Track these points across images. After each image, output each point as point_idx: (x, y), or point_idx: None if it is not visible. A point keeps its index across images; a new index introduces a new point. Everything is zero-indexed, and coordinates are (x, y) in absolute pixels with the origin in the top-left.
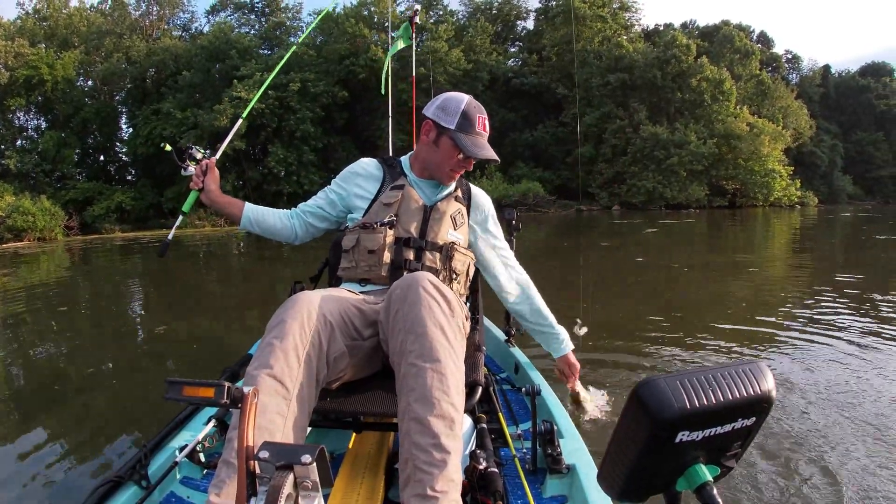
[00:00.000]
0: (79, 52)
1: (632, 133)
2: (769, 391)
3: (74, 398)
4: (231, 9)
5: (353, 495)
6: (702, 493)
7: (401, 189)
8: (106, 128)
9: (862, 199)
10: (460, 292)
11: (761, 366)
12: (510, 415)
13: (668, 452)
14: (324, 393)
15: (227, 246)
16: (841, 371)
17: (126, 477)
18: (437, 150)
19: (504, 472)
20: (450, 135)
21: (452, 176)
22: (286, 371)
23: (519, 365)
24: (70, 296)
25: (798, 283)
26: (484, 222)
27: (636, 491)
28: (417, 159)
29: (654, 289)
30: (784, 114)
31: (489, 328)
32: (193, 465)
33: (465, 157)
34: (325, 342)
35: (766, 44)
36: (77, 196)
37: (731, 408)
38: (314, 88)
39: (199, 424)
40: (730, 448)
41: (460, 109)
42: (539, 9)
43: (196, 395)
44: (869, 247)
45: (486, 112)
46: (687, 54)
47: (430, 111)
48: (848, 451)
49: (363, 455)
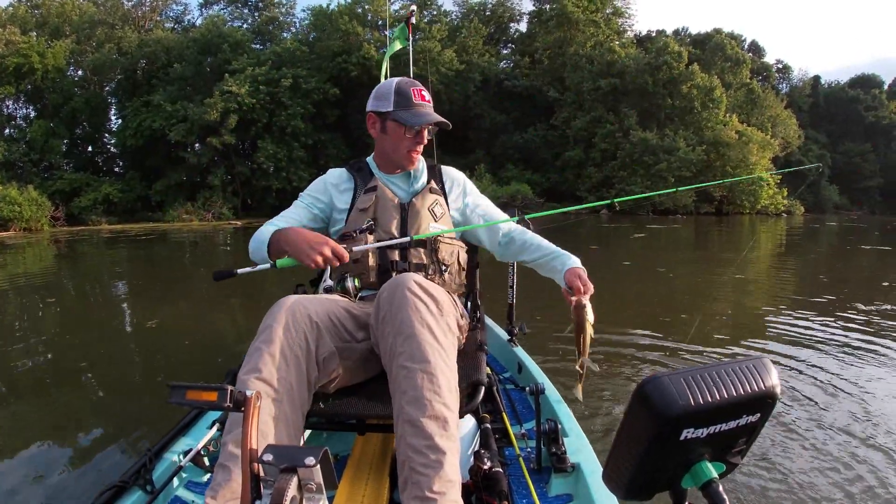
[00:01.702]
0: (70, 41)
1: (621, 138)
2: (773, 387)
3: (74, 401)
4: (224, 2)
5: (357, 497)
6: (707, 490)
7: (374, 191)
8: (95, 118)
9: (848, 209)
10: (454, 283)
11: (765, 362)
12: (514, 414)
13: (673, 450)
14: (326, 396)
15: (214, 240)
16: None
17: (130, 482)
18: (388, 137)
19: (508, 472)
20: (391, 116)
21: (412, 157)
22: (275, 374)
23: (522, 364)
24: (58, 288)
25: (781, 289)
26: (462, 196)
27: (641, 488)
28: (380, 155)
29: (642, 292)
30: (773, 123)
31: (491, 328)
32: (198, 468)
33: (414, 132)
34: (313, 343)
35: (758, 53)
36: (64, 187)
37: (735, 404)
38: (306, 85)
39: (202, 428)
40: (735, 444)
41: (392, 90)
42: (532, 12)
43: (199, 399)
44: (853, 257)
45: (420, 84)
46: (678, 61)
47: (369, 105)
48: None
49: (367, 457)
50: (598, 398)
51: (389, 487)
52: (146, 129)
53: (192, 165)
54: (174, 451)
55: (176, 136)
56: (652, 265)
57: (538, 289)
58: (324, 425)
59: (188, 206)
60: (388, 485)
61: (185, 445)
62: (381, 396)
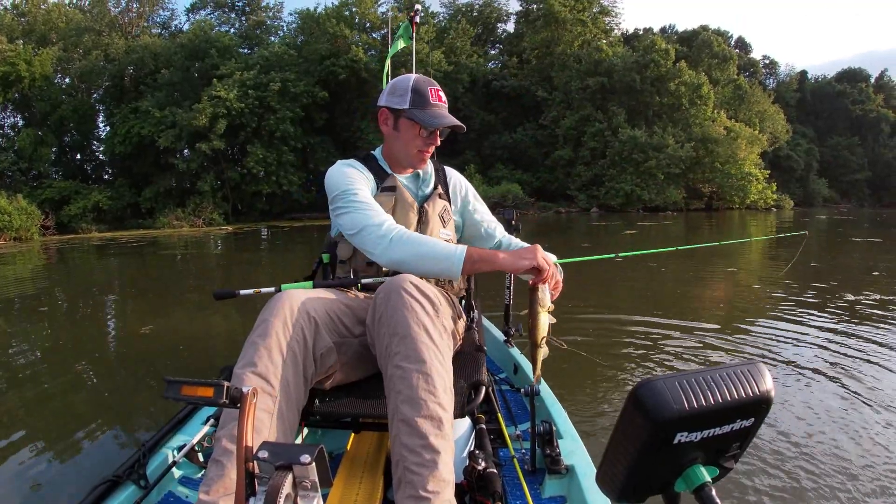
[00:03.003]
0: (57, 48)
1: (610, 136)
2: (768, 391)
3: (69, 397)
4: (211, 7)
5: (351, 495)
6: (700, 495)
7: (393, 191)
8: (83, 126)
9: (837, 203)
10: (459, 287)
11: (760, 366)
12: (509, 415)
13: (667, 453)
14: (322, 393)
15: (205, 246)
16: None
17: (124, 476)
18: (399, 135)
19: (503, 473)
20: (406, 114)
21: (422, 157)
22: (270, 368)
23: (518, 365)
24: (50, 297)
25: (773, 283)
26: (463, 201)
27: (635, 492)
28: (389, 153)
29: (632, 286)
30: (761, 118)
31: (488, 329)
32: (192, 464)
33: (428, 132)
34: (310, 338)
35: (744, 49)
36: (53, 195)
37: (729, 408)
38: (294, 88)
39: (197, 424)
40: (728, 449)
41: (409, 87)
42: (519, 12)
43: (195, 394)
44: (847, 249)
45: (438, 84)
46: (666, 59)
47: (383, 100)
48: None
49: (362, 455)
50: (593, 401)
51: (383, 486)
52: (135, 135)
53: (181, 171)
54: (168, 446)
55: (165, 143)
56: (643, 259)
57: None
58: (319, 423)
59: (178, 212)
60: (383, 483)
61: (180, 441)
62: (376, 395)
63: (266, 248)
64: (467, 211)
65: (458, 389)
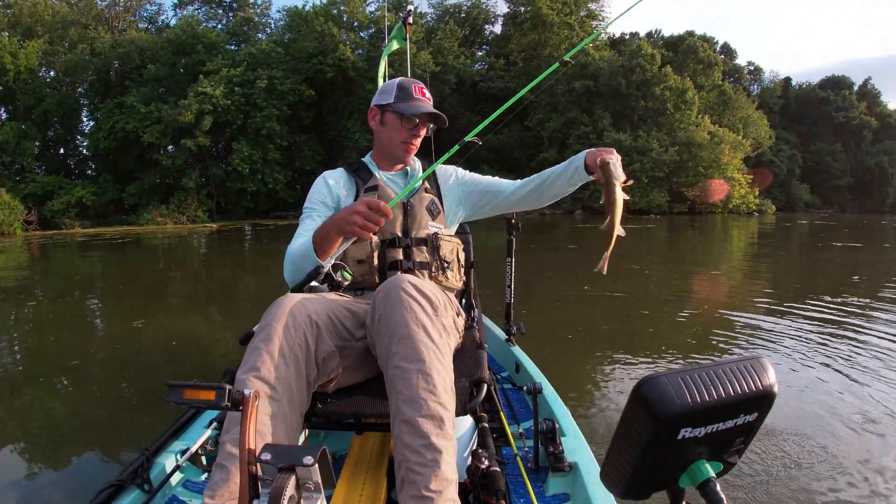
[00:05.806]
0: (42, 41)
1: (595, 139)
2: (771, 386)
3: (68, 398)
4: (198, 3)
5: (354, 497)
6: (705, 490)
7: (375, 190)
8: (67, 120)
9: (819, 208)
10: (455, 280)
11: (762, 361)
12: (511, 413)
13: (671, 449)
14: (324, 395)
15: (189, 243)
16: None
17: (128, 481)
18: (386, 128)
19: (506, 471)
20: (391, 108)
21: (408, 148)
22: (273, 373)
23: (520, 364)
24: (37, 292)
25: (755, 284)
26: (457, 185)
27: (639, 488)
28: (378, 151)
29: (616, 288)
30: (744, 124)
31: (489, 327)
32: (195, 468)
33: (412, 125)
34: (313, 342)
35: (729, 55)
36: (36, 190)
37: (732, 404)
38: (281, 86)
39: (200, 427)
40: (732, 444)
41: (395, 85)
42: (507, 14)
43: (197, 398)
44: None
45: (422, 83)
46: (651, 63)
47: (373, 101)
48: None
49: (365, 456)
50: (596, 398)
51: (387, 487)
52: (119, 130)
53: (165, 168)
54: (172, 450)
55: (149, 138)
56: (628, 263)
57: (538, 288)
58: (321, 424)
59: (162, 208)
60: (386, 484)
61: (183, 445)
62: (378, 396)
63: (247, 244)
64: (466, 187)
65: (460, 388)
